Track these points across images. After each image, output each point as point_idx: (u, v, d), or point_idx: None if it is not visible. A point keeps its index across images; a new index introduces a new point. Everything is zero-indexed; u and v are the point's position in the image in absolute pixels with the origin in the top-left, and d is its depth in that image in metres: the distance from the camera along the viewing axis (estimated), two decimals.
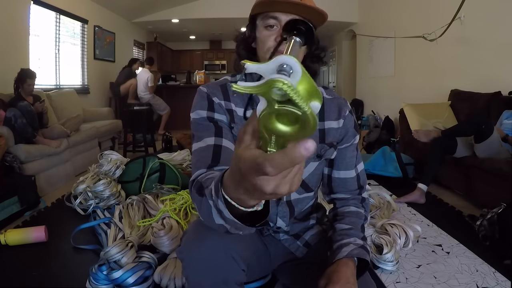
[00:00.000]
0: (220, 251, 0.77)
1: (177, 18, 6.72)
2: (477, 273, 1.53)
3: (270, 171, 0.32)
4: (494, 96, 2.90)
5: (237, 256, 0.79)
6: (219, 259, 0.77)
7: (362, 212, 0.98)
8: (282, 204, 0.96)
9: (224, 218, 0.53)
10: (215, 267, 0.77)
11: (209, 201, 0.58)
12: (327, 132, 0.94)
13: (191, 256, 0.79)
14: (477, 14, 3.27)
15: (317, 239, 1.02)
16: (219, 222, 0.57)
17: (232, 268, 0.79)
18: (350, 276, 0.79)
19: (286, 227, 1.00)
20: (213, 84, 0.93)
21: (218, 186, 0.48)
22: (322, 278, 0.82)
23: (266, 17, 0.84)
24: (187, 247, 0.80)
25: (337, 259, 0.83)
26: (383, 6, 5.41)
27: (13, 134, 2.54)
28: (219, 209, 0.51)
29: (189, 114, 0.90)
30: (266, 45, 0.84)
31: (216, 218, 0.57)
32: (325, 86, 1.00)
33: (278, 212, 0.96)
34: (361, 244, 0.88)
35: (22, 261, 1.68)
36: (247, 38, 0.90)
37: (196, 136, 0.87)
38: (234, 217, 0.50)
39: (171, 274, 1.38)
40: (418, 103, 3.56)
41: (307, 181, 0.96)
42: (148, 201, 2.10)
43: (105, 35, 5.59)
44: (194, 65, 9.26)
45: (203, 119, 0.87)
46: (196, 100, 0.90)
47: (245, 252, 0.82)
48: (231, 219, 0.50)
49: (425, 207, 2.37)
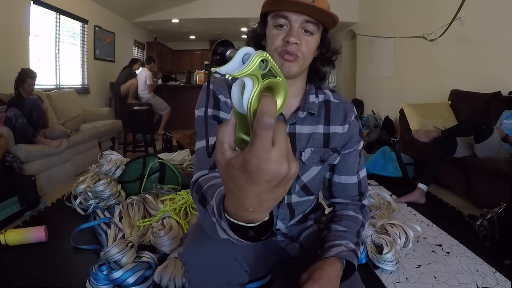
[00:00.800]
0: (223, 253, 0.77)
1: (177, 18, 6.72)
2: (477, 273, 1.53)
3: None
4: (494, 96, 2.90)
5: (240, 257, 0.79)
6: (223, 261, 0.77)
7: (360, 218, 0.96)
8: (282, 207, 0.95)
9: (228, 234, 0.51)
10: (219, 270, 0.77)
11: (212, 218, 0.56)
12: (332, 136, 0.93)
13: (194, 259, 0.78)
14: (477, 14, 3.27)
15: (310, 239, 1.01)
16: (225, 237, 0.54)
17: (236, 270, 0.79)
18: (334, 277, 0.77)
19: (285, 229, 0.99)
20: (219, 81, 0.91)
21: (220, 209, 0.46)
22: (305, 272, 0.80)
23: (276, 16, 0.82)
24: (190, 250, 0.79)
25: (324, 257, 0.82)
26: (383, 6, 5.40)
27: (13, 134, 2.54)
28: (223, 228, 0.49)
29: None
30: (274, 44, 0.83)
31: (221, 234, 0.54)
32: (332, 90, 0.98)
33: (278, 215, 0.96)
34: (352, 248, 0.86)
35: (22, 261, 1.67)
36: (258, 35, 0.89)
37: (199, 134, 0.86)
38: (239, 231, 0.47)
39: (171, 274, 1.38)
40: (418, 103, 3.56)
41: (309, 184, 0.95)
42: (148, 201, 2.10)
43: (105, 35, 5.59)
44: (194, 65, 9.26)
45: (208, 117, 0.85)
46: (202, 96, 0.88)
47: (247, 252, 0.82)
48: (236, 239, 0.48)
49: (425, 207, 2.37)
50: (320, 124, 0.92)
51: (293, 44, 0.80)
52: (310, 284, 0.75)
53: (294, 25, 0.80)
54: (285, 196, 0.93)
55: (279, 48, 0.82)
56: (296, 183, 0.94)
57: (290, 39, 0.79)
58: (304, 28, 0.81)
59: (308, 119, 0.91)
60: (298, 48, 0.81)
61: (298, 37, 0.80)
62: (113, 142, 4.52)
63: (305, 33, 0.82)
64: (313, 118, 0.92)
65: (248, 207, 0.37)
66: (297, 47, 0.80)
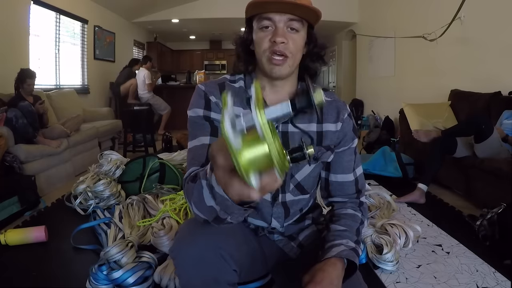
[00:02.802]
0: (209, 250, 0.77)
1: (177, 18, 6.72)
2: (477, 273, 1.53)
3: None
4: (494, 96, 2.90)
5: (227, 256, 0.79)
6: (209, 258, 0.77)
7: (359, 216, 0.96)
8: (277, 205, 0.95)
9: (214, 196, 0.58)
10: (205, 266, 0.77)
11: (202, 180, 0.63)
12: (325, 134, 0.93)
13: (181, 254, 0.79)
14: (477, 14, 3.27)
15: (310, 240, 1.01)
16: (210, 204, 0.60)
17: (222, 268, 0.79)
18: (335, 278, 0.77)
19: (281, 228, 0.99)
20: (212, 82, 0.93)
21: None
22: (307, 274, 0.80)
23: (260, 19, 0.83)
24: (178, 246, 0.81)
25: (325, 257, 0.82)
26: (383, 6, 5.41)
27: (13, 134, 2.54)
28: (211, 185, 0.56)
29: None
30: (262, 47, 0.84)
31: (207, 199, 0.61)
32: (325, 88, 0.99)
33: (273, 213, 0.96)
34: (353, 247, 0.86)
35: (22, 261, 1.67)
36: (245, 41, 0.91)
37: (191, 134, 0.88)
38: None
39: (171, 274, 1.38)
40: (418, 103, 3.56)
41: (303, 183, 0.95)
42: (148, 201, 2.10)
43: (105, 35, 5.59)
44: (194, 65, 9.25)
45: (199, 117, 0.87)
46: (194, 97, 0.90)
47: (236, 252, 0.81)
48: (221, 195, 0.55)
49: (425, 207, 2.37)
50: (313, 123, 0.92)
51: (280, 43, 0.81)
52: (312, 286, 0.75)
53: (279, 25, 0.82)
54: (280, 194, 0.94)
55: (267, 50, 0.83)
56: (290, 181, 0.94)
57: (277, 38, 0.81)
58: (289, 27, 0.83)
59: (301, 117, 0.91)
60: (285, 47, 0.82)
61: (284, 36, 0.81)
62: (113, 142, 4.52)
63: (291, 31, 0.83)
64: (306, 116, 0.92)
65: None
66: (285, 46, 0.82)
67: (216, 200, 0.60)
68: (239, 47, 0.93)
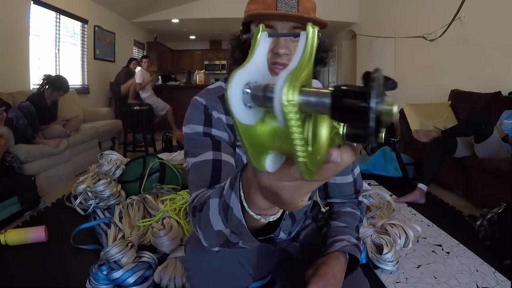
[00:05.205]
0: (228, 258, 0.76)
1: (177, 18, 6.72)
2: (477, 273, 1.53)
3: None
4: (494, 96, 2.90)
5: (244, 261, 0.78)
6: (228, 266, 0.76)
7: (358, 214, 0.98)
8: (285, 218, 0.95)
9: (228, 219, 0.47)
10: (224, 275, 0.76)
11: (213, 200, 0.51)
12: None
13: (199, 265, 0.76)
14: (477, 14, 3.27)
15: (310, 237, 1.02)
16: (218, 228, 0.50)
17: (240, 274, 0.78)
18: (338, 272, 0.79)
19: (287, 237, 1.01)
20: (211, 95, 0.85)
21: (237, 177, 0.42)
22: (310, 268, 0.81)
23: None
24: (194, 256, 0.78)
25: (328, 252, 0.83)
26: (383, 6, 5.40)
27: (14, 134, 2.54)
28: (228, 205, 0.45)
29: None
30: None
31: (216, 222, 0.50)
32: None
33: (281, 226, 0.96)
34: (355, 242, 0.87)
35: (22, 261, 1.68)
36: (243, 43, 0.85)
37: (190, 152, 0.79)
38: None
39: (171, 274, 1.38)
40: (418, 103, 3.56)
41: None
42: (148, 201, 2.10)
43: (105, 35, 5.59)
44: (194, 65, 9.25)
45: (197, 134, 0.80)
46: (190, 112, 0.82)
47: (251, 255, 0.81)
48: (237, 219, 0.43)
49: (425, 207, 2.37)
50: None
51: (283, 55, 0.76)
52: (315, 279, 0.76)
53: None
54: None
55: (268, 61, 0.77)
56: None
57: (280, 50, 0.75)
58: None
59: None
60: (289, 58, 0.77)
61: (287, 47, 0.76)
62: (113, 142, 4.52)
63: (293, 39, 0.77)
64: None
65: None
66: (288, 57, 0.76)
67: (227, 223, 0.49)
68: (236, 51, 0.87)
